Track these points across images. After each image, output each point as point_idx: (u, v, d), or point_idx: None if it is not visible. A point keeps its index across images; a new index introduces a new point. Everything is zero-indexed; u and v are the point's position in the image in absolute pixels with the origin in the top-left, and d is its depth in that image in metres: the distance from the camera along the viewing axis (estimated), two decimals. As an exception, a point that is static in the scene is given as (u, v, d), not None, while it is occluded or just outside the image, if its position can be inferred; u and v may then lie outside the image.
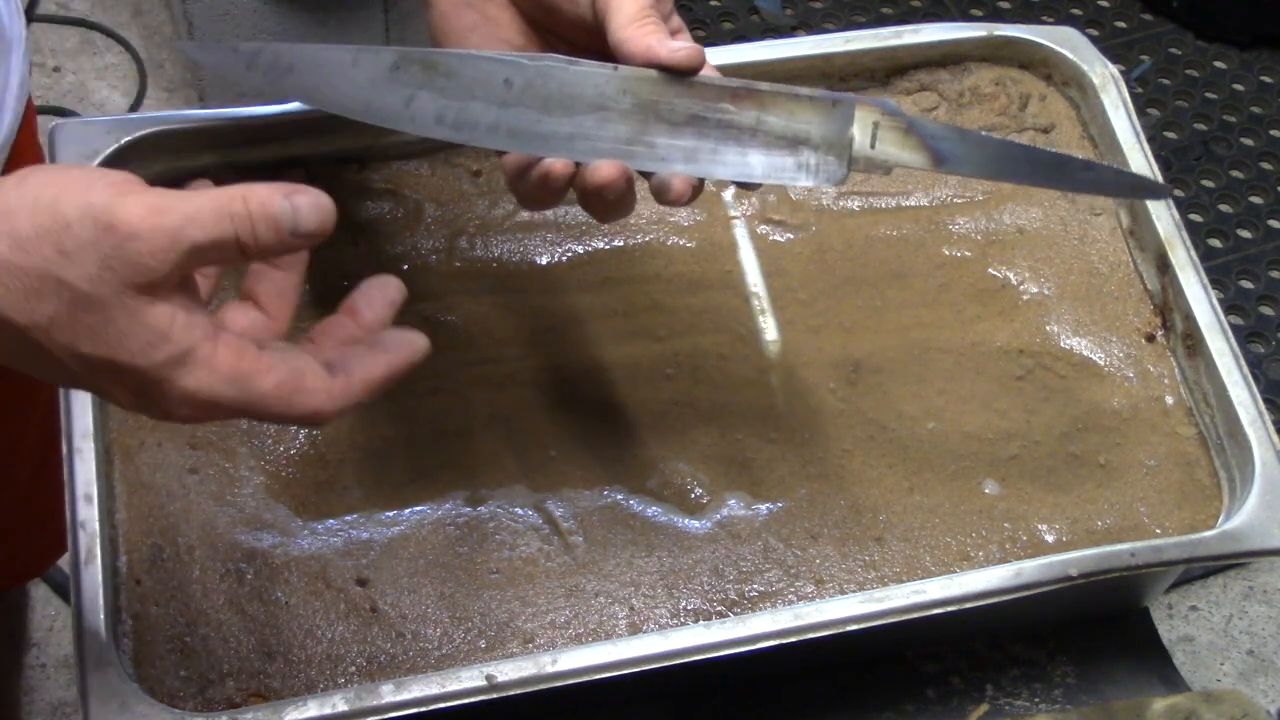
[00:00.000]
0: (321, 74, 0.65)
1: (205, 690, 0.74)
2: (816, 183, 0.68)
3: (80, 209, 0.51)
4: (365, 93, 0.66)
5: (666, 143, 0.67)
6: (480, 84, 0.66)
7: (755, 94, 0.67)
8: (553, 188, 0.67)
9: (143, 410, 0.55)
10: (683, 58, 0.65)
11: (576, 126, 0.66)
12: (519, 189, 0.69)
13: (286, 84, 0.65)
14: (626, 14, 0.66)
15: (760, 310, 0.89)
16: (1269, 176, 1.91)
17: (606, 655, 0.72)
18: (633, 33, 0.65)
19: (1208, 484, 0.86)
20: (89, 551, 0.73)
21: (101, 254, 0.51)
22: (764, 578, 0.80)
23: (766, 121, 0.67)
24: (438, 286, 0.87)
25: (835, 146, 0.68)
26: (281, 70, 0.65)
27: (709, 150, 0.67)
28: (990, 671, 0.84)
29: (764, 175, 0.68)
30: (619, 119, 0.66)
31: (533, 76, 0.66)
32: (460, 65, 0.66)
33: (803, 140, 0.68)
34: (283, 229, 0.54)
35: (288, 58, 0.65)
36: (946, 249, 0.93)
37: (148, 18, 2.06)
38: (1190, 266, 0.88)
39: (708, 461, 0.83)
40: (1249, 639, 1.65)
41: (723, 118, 0.67)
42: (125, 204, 0.51)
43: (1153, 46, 2.04)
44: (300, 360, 0.57)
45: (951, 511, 0.83)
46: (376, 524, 0.80)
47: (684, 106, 0.67)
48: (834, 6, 2.06)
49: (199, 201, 0.52)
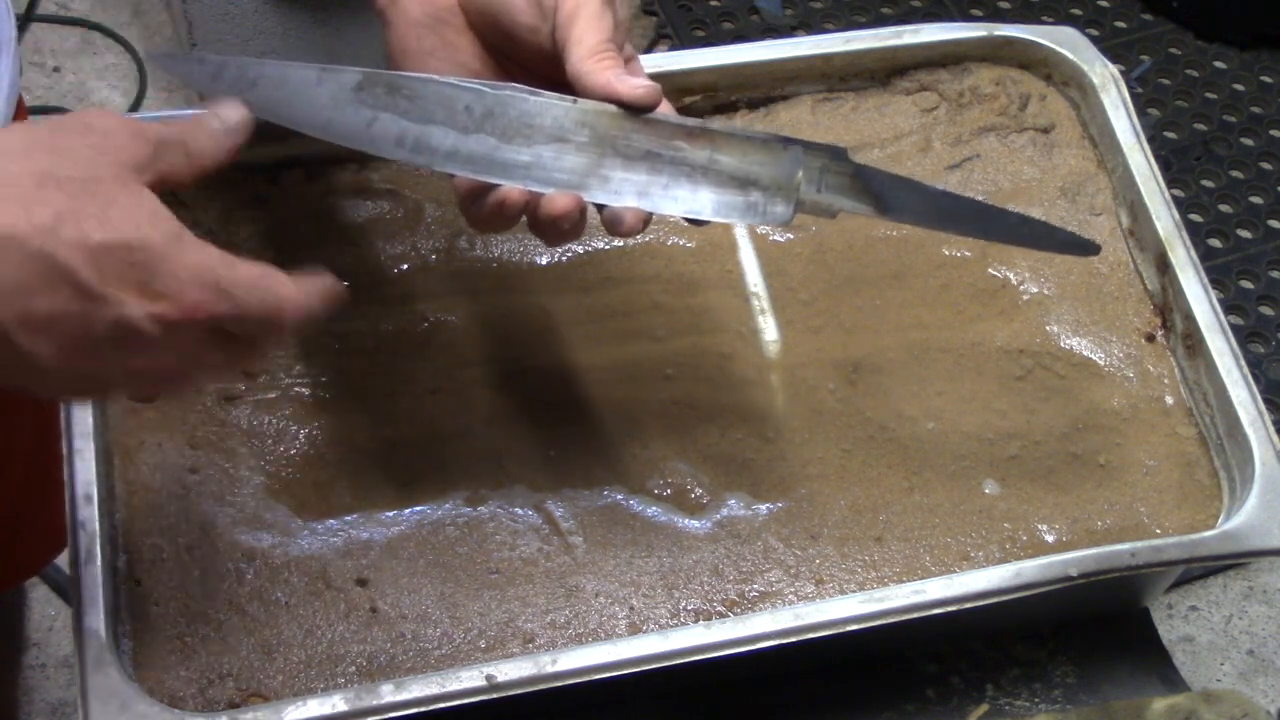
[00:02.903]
0: (285, 90, 0.66)
1: (205, 690, 0.74)
2: (763, 223, 0.70)
3: (57, 121, 0.57)
4: (328, 112, 0.67)
5: (621, 176, 0.68)
6: (442, 109, 0.67)
7: (709, 133, 0.69)
8: (508, 215, 0.68)
9: (164, 311, 0.56)
10: (641, 95, 0.67)
11: (534, 156, 0.68)
12: (470, 213, 0.70)
13: (250, 98, 0.66)
14: (586, 46, 0.67)
15: (760, 310, 0.89)
16: (1269, 176, 1.91)
17: (606, 655, 0.72)
18: (592, 66, 0.67)
19: (1208, 484, 0.86)
20: (89, 551, 0.73)
21: (89, 145, 0.56)
22: (764, 578, 0.80)
23: (719, 160, 0.69)
24: (438, 286, 0.87)
25: (784, 189, 0.69)
26: (246, 85, 0.66)
27: (661, 186, 0.69)
28: (990, 671, 0.84)
29: (713, 213, 0.69)
30: (576, 151, 0.68)
31: (493, 104, 0.67)
32: (423, 89, 0.67)
33: (752, 181, 0.69)
34: (215, 130, 0.63)
35: (253, 72, 0.66)
36: (946, 249, 0.93)
37: (148, 18, 2.06)
38: (1190, 266, 0.88)
39: (708, 461, 0.83)
40: (1249, 639, 1.65)
41: (676, 154, 0.69)
42: (87, 111, 0.58)
43: (1153, 46, 2.04)
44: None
45: (951, 511, 0.83)
46: (376, 524, 0.80)
47: (640, 142, 0.68)
48: (834, 6, 2.05)
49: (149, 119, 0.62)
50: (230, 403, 0.82)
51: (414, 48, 0.72)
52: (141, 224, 0.55)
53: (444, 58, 0.72)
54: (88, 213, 0.54)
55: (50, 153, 0.55)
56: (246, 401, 0.82)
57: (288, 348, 0.84)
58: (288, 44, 1.77)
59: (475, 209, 0.70)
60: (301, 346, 0.84)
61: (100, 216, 0.54)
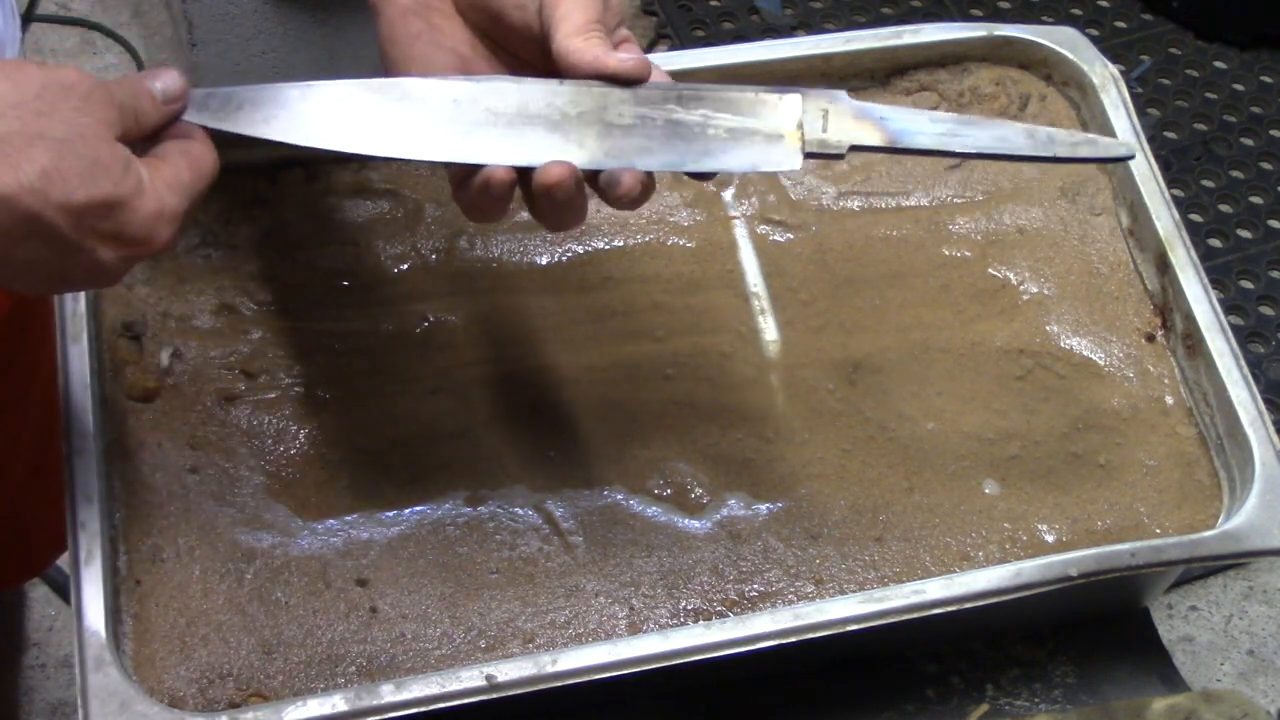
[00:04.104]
0: (270, 109, 0.67)
1: (205, 690, 0.74)
2: (772, 168, 0.68)
3: (39, 81, 0.60)
4: (312, 124, 0.67)
5: (616, 143, 0.67)
6: (429, 104, 0.67)
7: (701, 95, 0.67)
8: (494, 195, 0.67)
9: (134, 252, 0.62)
10: (630, 67, 0.66)
11: (525, 136, 0.67)
12: (460, 200, 0.70)
13: (238, 119, 0.67)
14: (573, 24, 0.66)
15: (760, 310, 0.89)
16: (1269, 176, 1.91)
17: (606, 655, 0.72)
18: (579, 44, 0.66)
19: (1208, 484, 0.86)
20: (89, 551, 0.73)
21: (72, 105, 0.60)
22: (764, 578, 0.80)
23: (715, 119, 0.67)
24: (438, 286, 0.87)
25: (787, 135, 0.68)
26: (231, 109, 0.67)
27: (658, 146, 0.67)
28: (990, 671, 0.84)
29: (717, 166, 0.68)
30: (567, 124, 0.67)
31: (480, 94, 0.67)
32: (409, 90, 0.67)
33: (752, 132, 0.68)
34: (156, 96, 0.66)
35: (237, 98, 0.67)
36: (946, 249, 0.93)
37: (148, 18, 2.06)
38: (1190, 266, 0.88)
39: (708, 461, 0.83)
40: (1249, 639, 1.65)
41: (670, 117, 0.67)
42: (67, 71, 0.61)
43: (1153, 46, 2.04)
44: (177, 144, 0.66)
45: (951, 511, 0.83)
46: (376, 524, 0.80)
47: (632, 111, 0.67)
48: (834, 6, 2.05)
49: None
50: (230, 403, 0.82)
51: (401, 34, 0.71)
52: (118, 179, 0.60)
53: (430, 41, 0.71)
54: (73, 171, 0.59)
55: (36, 114, 0.59)
56: (246, 401, 0.82)
57: (288, 348, 0.84)
58: (288, 44, 1.77)
59: (463, 194, 0.69)
60: (301, 346, 0.84)
61: (83, 174, 0.59)
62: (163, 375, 0.82)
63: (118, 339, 0.83)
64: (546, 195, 0.66)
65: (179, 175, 0.64)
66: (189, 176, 0.64)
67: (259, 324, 0.85)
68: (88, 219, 0.59)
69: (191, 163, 0.65)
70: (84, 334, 0.79)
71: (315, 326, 0.85)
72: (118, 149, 0.61)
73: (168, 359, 0.83)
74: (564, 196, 0.66)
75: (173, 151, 0.65)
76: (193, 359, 0.83)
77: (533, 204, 0.68)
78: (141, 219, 0.61)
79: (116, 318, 0.83)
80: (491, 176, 0.66)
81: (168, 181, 0.63)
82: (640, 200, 0.67)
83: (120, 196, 0.60)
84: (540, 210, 0.68)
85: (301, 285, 0.86)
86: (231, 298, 0.85)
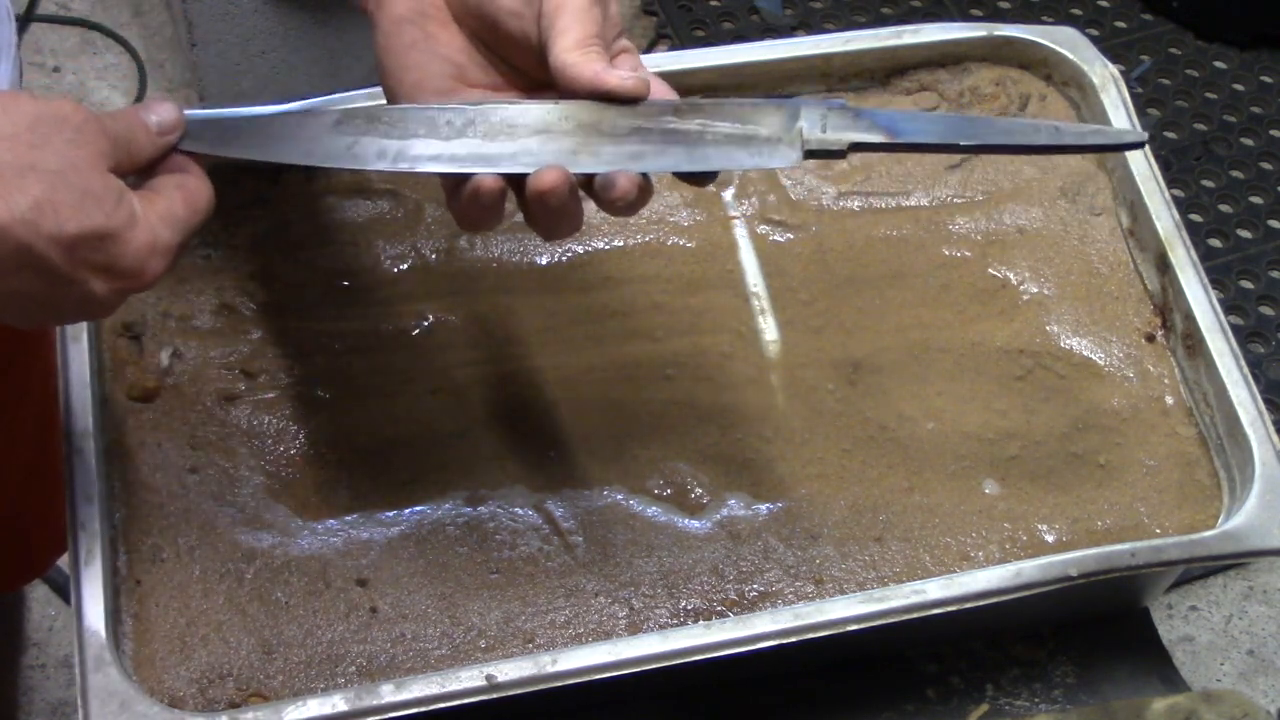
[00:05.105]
0: (267, 134, 0.68)
1: (205, 690, 0.74)
2: (771, 164, 0.67)
3: (32, 113, 0.60)
4: (308, 144, 0.68)
5: (611, 150, 0.66)
6: (423, 127, 0.67)
7: (699, 106, 0.67)
8: (483, 203, 0.66)
9: (125, 285, 0.62)
10: (631, 86, 0.66)
11: (520, 147, 0.66)
12: (453, 209, 0.69)
13: (233, 145, 0.68)
14: (572, 38, 0.65)
15: (760, 310, 0.89)
16: (1269, 176, 1.91)
17: (606, 655, 0.72)
18: (577, 58, 0.65)
19: (1208, 484, 0.86)
20: (89, 551, 0.73)
21: (65, 137, 0.60)
22: (764, 578, 0.80)
23: (713, 126, 0.67)
24: (437, 286, 0.87)
25: (786, 136, 0.67)
26: (229, 136, 0.68)
27: (654, 151, 0.66)
28: (990, 671, 0.84)
29: (715, 165, 0.67)
30: (562, 136, 0.66)
31: (474, 115, 0.67)
32: (403, 116, 0.67)
33: (750, 136, 0.67)
34: (151, 129, 0.66)
35: (233, 126, 0.68)
36: (946, 249, 0.93)
37: (148, 18, 2.06)
38: (1190, 266, 0.88)
39: (708, 461, 0.83)
40: (1249, 639, 1.65)
41: (667, 127, 0.67)
42: (61, 103, 0.61)
43: (1153, 46, 2.04)
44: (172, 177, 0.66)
45: (951, 511, 0.83)
46: (376, 524, 0.80)
47: (627, 122, 0.66)
48: (834, 6, 2.05)
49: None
50: (230, 403, 0.82)
51: (396, 43, 0.71)
52: (110, 211, 0.60)
53: (425, 50, 0.70)
54: (65, 203, 0.58)
55: (29, 146, 0.58)
56: (246, 401, 0.82)
57: (288, 347, 0.84)
58: (288, 44, 1.77)
59: (455, 203, 0.68)
60: (301, 346, 0.84)
61: (75, 206, 0.59)
62: (163, 375, 0.82)
63: (117, 339, 0.83)
64: (540, 201, 0.65)
65: (173, 209, 0.64)
66: (183, 210, 0.64)
67: (259, 324, 0.85)
68: (79, 251, 0.59)
69: (186, 196, 0.65)
70: (84, 334, 0.79)
71: (315, 326, 0.85)
72: (111, 181, 0.61)
73: (168, 359, 0.83)
74: (557, 203, 0.65)
75: (167, 185, 0.65)
76: (193, 359, 0.83)
77: (527, 211, 0.67)
78: (134, 252, 0.61)
79: (116, 317, 0.83)
80: (480, 185, 0.66)
81: (161, 215, 0.63)
82: (637, 205, 0.67)
83: (112, 229, 0.60)
84: (534, 218, 0.67)
85: (301, 285, 0.86)
86: (231, 298, 0.85)
